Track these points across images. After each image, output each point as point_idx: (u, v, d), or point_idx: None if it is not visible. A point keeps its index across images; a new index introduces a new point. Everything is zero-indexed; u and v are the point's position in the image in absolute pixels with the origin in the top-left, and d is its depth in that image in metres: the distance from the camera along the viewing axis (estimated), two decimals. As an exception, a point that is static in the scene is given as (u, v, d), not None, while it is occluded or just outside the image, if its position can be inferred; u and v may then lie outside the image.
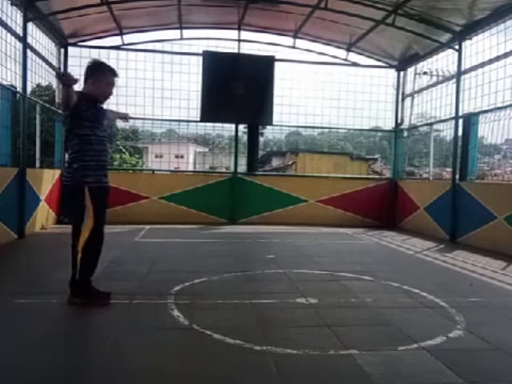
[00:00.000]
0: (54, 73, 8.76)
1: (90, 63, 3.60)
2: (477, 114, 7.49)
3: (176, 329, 3.05)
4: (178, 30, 9.44)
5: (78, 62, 9.06)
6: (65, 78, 3.18)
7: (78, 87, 3.40)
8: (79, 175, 3.39)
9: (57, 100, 8.95)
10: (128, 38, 9.32)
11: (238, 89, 9.15)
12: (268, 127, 10.52)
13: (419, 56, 9.16)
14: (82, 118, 3.40)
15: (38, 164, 7.96)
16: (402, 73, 10.10)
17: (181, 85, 9.39)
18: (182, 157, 13.50)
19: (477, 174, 7.78)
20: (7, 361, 2.49)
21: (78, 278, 3.47)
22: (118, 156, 19.91)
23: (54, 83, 8.95)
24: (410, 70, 9.88)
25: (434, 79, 9.05)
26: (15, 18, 6.72)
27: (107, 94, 3.62)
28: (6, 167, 6.43)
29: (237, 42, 9.61)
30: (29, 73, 7.05)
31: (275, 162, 20.20)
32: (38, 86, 10.65)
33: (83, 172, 3.40)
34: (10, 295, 3.67)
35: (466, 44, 7.83)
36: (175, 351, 2.72)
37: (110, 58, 9.26)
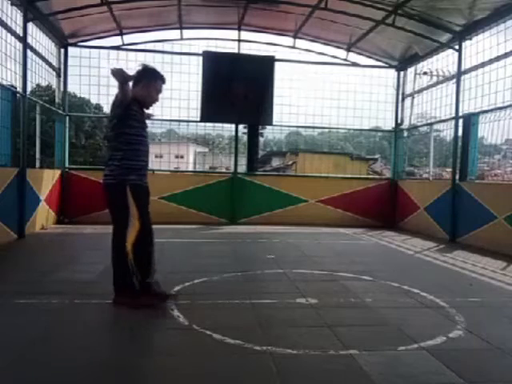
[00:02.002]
0: (54, 73, 8.75)
1: (141, 68, 3.60)
2: (477, 114, 7.49)
3: (176, 329, 3.05)
4: (178, 30, 9.44)
5: (78, 62, 9.12)
6: (120, 75, 3.15)
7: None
8: (122, 173, 3.39)
9: (60, 100, 8.94)
10: (128, 38, 9.33)
11: (238, 89, 9.16)
12: (268, 127, 10.51)
13: (419, 56, 9.16)
14: (131, 118, 3.42)
15: (37, 164, 7.96)
16: (402, 73, 10.11)
17: (181, 85, 9.39)
18: (182, 157, 13.50)
19: (477, 174, 7.78)
20: (7, 361, 2.49)
21: (127, 279, 3.43)
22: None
23: (54, 83, 8.95)
24: (410, 70, 9.88)
25: (434, 79, 9.05)
26: (15, 18, 6.72)
27: (155, 100, 3.65)
28: (5, 167, 6.43)
29: (237, 42, 9.61)
30: (29, 73, 7.04)
31: (275, 162, 20.23)
32: (38, 85, 10.66)
33: (126, 171, 3.40)
34: (10, 295, 3.67)
35: (466, 44, 7.82)
36: (175, 351, 2.72)
37: (109, 59, 9.30)
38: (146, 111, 3.75)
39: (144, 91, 3.53)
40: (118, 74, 3.16)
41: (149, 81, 3.55)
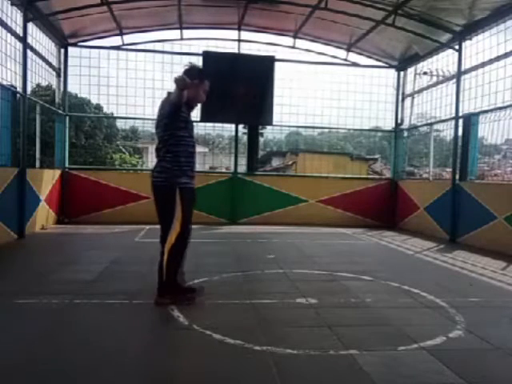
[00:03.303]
0: (54, 73, 8.75)
1: (188, 68, 3.56)
2: (477, 114, 7.49)
3: (176, 329, 3.05)
4: (178, 30, 9.44)
5: (78, 62, 9.12)
6: (183, 84, 3.16)
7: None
8: (173, 175, 3.41)
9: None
10: (128, 38, 9.33)
11: (238, 89, 9.15)
12: (268, 127, 10.52)
13: (419, 56, 9.16)
14: (180, 120, 3.44)
15: (38, 164, 7.96)
16: (402, 73, 10.11)
17: (181, 85, 9.37)
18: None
19: (477, 174, 7.78)
20: (7, 361, 2.49)
21: (164, 278, 3.47)
22: (117, 156, 19.90)
23: (54, 83, 8.95)
24: (410, 70, 9.89)
25: (434, 79, 9.05)
26: (15, 18, 6.73)
27: (201, 100, 3.68)
28: (5, 167, 6.43)
29: (237, 42, 9.61)
30: (29, 73, 7.04)
31: (275, 162, 20.18)
32: (38, 85, 10.65)
33: (177, 172, 3.42)
34: (9, 295, 3.67)
35: (466, 44, 7.82)
36: (175, 351, 2.72)
37: (110, 59, 9.29)
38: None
39: (193, 92, 3.49)
40: (181, 82, 3.16)
41: (198, 81, 3.51)
